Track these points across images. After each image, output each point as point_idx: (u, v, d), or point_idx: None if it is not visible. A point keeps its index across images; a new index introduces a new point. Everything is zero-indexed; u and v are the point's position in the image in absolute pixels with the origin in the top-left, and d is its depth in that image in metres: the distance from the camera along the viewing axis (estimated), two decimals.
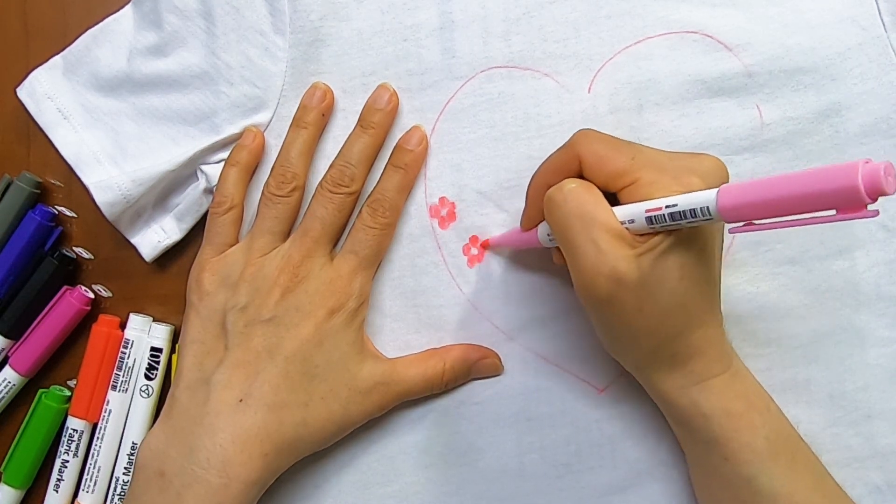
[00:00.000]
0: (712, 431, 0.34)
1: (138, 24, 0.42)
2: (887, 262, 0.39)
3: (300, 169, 0.40)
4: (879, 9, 0.39)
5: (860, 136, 0.39)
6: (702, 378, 0.34)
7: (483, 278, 0.41)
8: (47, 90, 0.43)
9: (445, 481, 0.41)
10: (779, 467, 0.33)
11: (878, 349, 0.39)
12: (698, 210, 0.28)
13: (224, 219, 0.40)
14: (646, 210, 0.30)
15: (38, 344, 0.43)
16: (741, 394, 0.34)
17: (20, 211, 0.43)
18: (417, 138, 0.40)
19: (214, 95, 0.42)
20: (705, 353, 0.34)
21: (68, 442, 0.43)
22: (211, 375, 0.37)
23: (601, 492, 0.40)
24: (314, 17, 0.41)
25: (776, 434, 0.34)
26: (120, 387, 0.43)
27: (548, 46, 0.40)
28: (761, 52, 0.39)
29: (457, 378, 0.40)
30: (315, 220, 0.39)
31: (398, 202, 0.40)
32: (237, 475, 0.35)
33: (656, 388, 0.35)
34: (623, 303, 0.32)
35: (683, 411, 0.35)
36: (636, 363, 0.35)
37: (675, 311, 0.32)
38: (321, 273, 0.38)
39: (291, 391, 0.37)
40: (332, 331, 0.38)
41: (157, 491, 0.35)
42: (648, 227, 0.31)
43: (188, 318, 0.39)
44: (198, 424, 0.36)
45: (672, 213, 0.29)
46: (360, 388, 0.38)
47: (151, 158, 0.42)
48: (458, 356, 0.40)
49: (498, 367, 0.41)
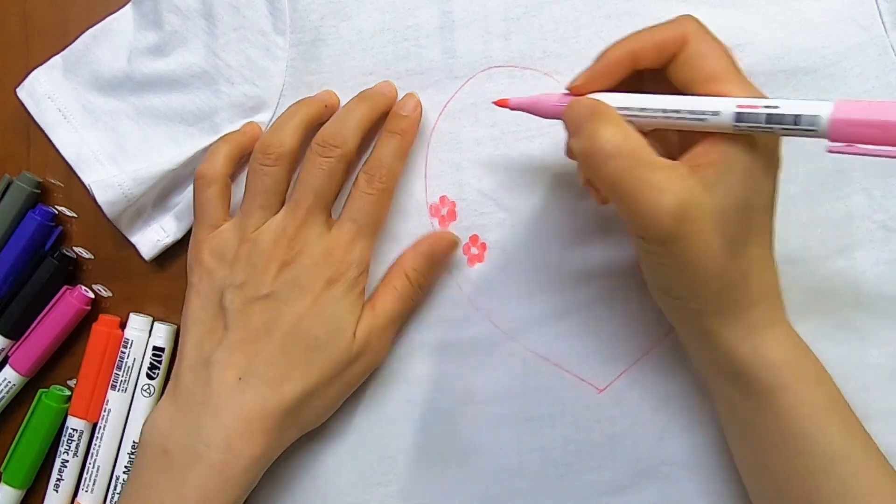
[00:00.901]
0: (773, 382, 0.32)
1: (138, 23, 0.42)
2: (887, 262, 0.39)
3: (287, 139, 0.38)
4: (879, 9, 0.39)
5: None
6: (764, 326, 0.33)
7: (483, 278, 0.41)
8: (47, 90, 0.43)
9: (445, 481, 0.41)
10: (836, 426, 0.32)
11: (877, 349, 0.39)
12: (804, 117, 0.27)
13: (209, 193, 0.39)
14: (737, 105, 0.28)
15: (38, 344, 0.43)
16: (801, 346, 0.34)
17: (20, 211, 0.43)
18: (412, 104, 0.40)
19: (214, 95, 0.42)
20: (767, 299, 0.33)
21: (68, 442, 0.43)
22: (211, 355, 0.37)
23: (601, 492, 0.40)
24: (314, 16, 0.41)
25: (833, 392, 0.33)
26: (119, 386, 0.43)
27: (548, 46, 0.40)
28: (761, 52, 0.39)
29: (425, 275, 0.40)
30: (307, 188, 0.38)
31: (395, 168, 0.39)
32: (240, 452, 0.35)
33: (715, 337, 0.33)
34: (691, 240, 0.29)
35: (742, 361, 0.33)
36: (697, 310, 0.33)
37: (739, 248, 0.31)
38: (318, 243, 0.38)
39: (291, 365, 0.37)
40: (331, 301, 0.37)
41: (160, 469, 0.36)
42: (732, 124, 0.29)
43: (188, 298, 0.39)
44: (201, 404, 0.36)
45: (770, 114, 0.28)
46: (357, 348, 0.38)
47: (152, 158, 0.42)
48: (413, 257, 0.40)
49: (453, 241, 0.40)
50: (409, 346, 0.41)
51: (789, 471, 0.34)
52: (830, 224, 0.39)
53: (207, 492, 0.35)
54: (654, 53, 0.32)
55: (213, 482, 0.35)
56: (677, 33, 0.31)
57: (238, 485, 0.36)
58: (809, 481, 0.33)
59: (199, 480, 0.35)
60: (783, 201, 0.39)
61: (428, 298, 0.41)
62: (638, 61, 0.32)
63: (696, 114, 0.30)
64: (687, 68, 0.31)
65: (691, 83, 0.31)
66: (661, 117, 0.31)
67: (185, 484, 0.35)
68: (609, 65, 0.32)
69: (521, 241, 0.40)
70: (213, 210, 0.39)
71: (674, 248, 0.30)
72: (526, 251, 0.40)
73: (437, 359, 0.41)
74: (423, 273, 0.40)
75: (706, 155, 0.30)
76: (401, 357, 0.41)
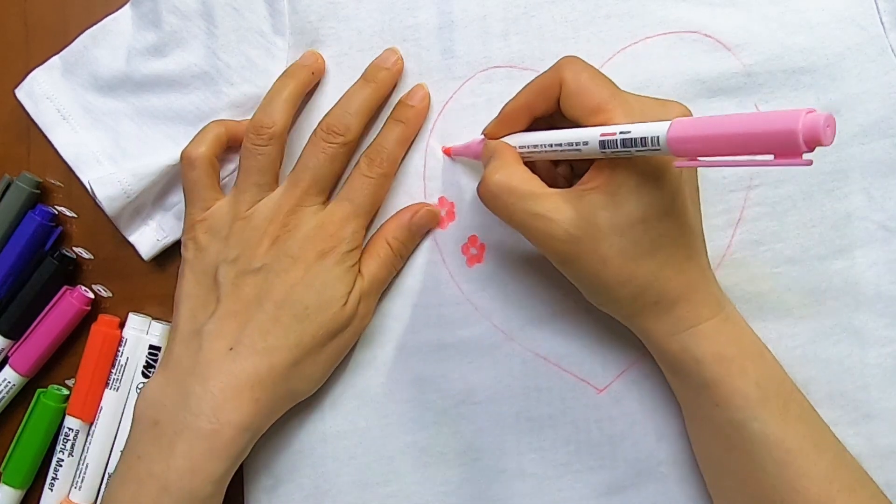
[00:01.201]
0: (703, 376, 0.34)
1: (137, 24, 0.42)
2: (887, 262, 0.39)
3: (279, 118, 0.39)
4: (879, 9, 0.39)
5: (859, 136, 0.39)
6: (691, 323, 0.34)
7: (482, 278, 0.41)
8: (46, 91, 0.43)
9: (445, 481, 0.41)
10: (770, 413, 0.33)
11: (877, 349, 0.39)
12: (649, 139, 0.29)
13: (197, 173, 0.39)
14: (601, 134, 0.31)
15: (38, 344, 0.43)
16: (733, 339, 0.35)
17: (20, 211, 0.43)
18: (420, 95, 0.40)
19: (214, 95, 0.42)
20: (690, 298, 0.34)
21: (64, 441, 0.43)
22: (203, 326, 0.37)
23: (601, 492, 0.40)
24: (314, 17, 0.41)
25: (768, 380, 0.34)
26: (112, 384, 0.43)
27: (547, 46, 0.40)
28: (760, 52, 0.39)
29: (406, 244, 0.40)
30: (306, 170, 0.38)
31: (396, 154, 0.40)
32: (228, 420, 0.35)
33: (647, 335, 0.36)
34: (588, 257, 0.33)
35: (675, 357, 0.35)
36: (622, 313, 0.36)
37: (640, 257, 0.33)
38: (312, 219, 0.38)
39: (282, 335, 0.37)
40: (323, 270, 0.38)
41: (151, 440, 0.36)
42: (600, 150, 0.31)
43: (183, 274, 0.39)
44: (190, 374, 0.36)
45: (624, 139, 0.30)
46: (347, 314, 0.38)
47: (151, 158, 0.42)
48: (394, 226, 0.40)
49: (434, 214, 0.41)
50: (409, 346, 0.41)
51: (731, 461, 0.35)
52: (830, 224, 0.39)
53: (195, 461, 0.35)
54: (542, 100, 0.35)
55: (201, 451, 0.35)
56: (554, 76, 0.34)
57: (226, 454, 0.36)
58: (749, 470, 0.34)
59: (186, 449, 0.35)
60: (783, 201, 0.39)
61: (428, 298, 0.41)
62: (533, 110, 0.35)
63: (573, 145, 0.33)
64: (569, 106, 0.33)
65: (579, 119, 0.33)
66: (549, 151, 0.34)
67: (173, 453, 0.35)
68: (509, 116, 0.36)
69: (520, 242, 0.40)
70: (203, 190, 0.40)
71: (574, 265, 0.34)
72: (525, 251, 0.40)
73: (437, 359, 0.41)
74: (404, 242, 0.40)
75: (595, 179, 0.33)
76: (401, 357, 0.41)
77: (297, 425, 0.41)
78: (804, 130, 0.24)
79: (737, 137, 0.26)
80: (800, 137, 0.24)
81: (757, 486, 0.34)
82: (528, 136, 0.36)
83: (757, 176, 0.39)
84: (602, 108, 0.32)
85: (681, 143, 0.28)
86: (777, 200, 0.39)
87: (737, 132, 0.26)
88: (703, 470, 0.38)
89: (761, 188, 0.39)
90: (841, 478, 0.34)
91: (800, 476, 0.33)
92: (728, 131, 0.27)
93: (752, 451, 0.34)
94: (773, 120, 0.25)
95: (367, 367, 0.41)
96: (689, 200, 0.34)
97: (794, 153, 0.25)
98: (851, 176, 0.39)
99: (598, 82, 0.33)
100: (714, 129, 0.27)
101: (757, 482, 0.34)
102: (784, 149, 0.25)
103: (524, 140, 0.36)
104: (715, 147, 0.27)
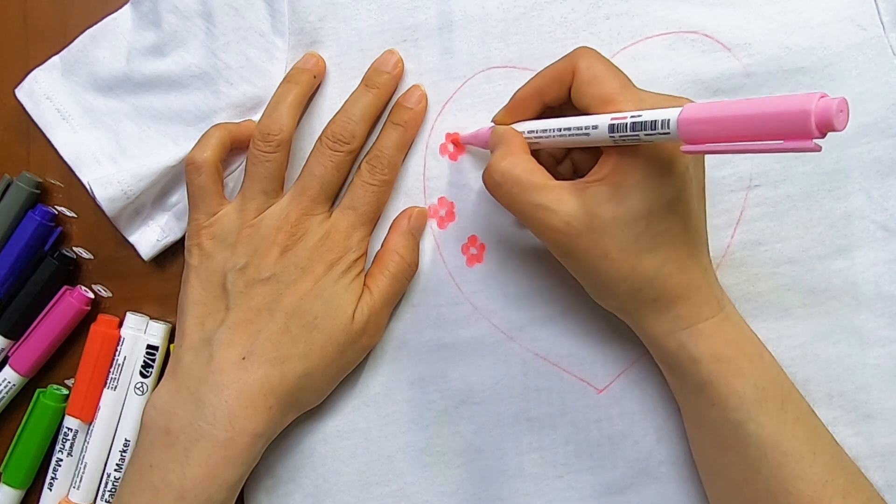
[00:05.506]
0: (700, 376, 0.34)
1: (137, 24, 0.42)
2: (887, 262, 0.39)
3: (286, 124, 0.39)
4: (878, 9, 0.39)
5: (859, 136, 0.39)
6: (690, 322, 0.34)
7: (482, 278, 0.41)
8: (46, 90, 0.43)
9: (445, 481, 0.41)
10: (767, 415, 0.33)
11: (877, 349, 0.39)
12: (659, 122, 0.29)
13: (202, 179, 0.39)
14: (611, 118, 0.31)
15: (37, 344, 0.43)
16: (732, 339, 0.34)
17: (20, 211, 0.43)
18: (417, 97, 0.40)
19: (214, 95, 0.42)
20: (690, 297, 0.34)
21: (63, 441, 0.43)
22: (213, 335, 0.37)
23: (601, 492, 0.40)
24: (313, 17, 0.41)
25: (766, 381, 0.34)
26: (109, 384, 0.43)
27: (546, 46, 0.40)
28: (760, 52, 0.39)
29: (413, 251, 0.40)
30: (313, 178, 0.39)
31: (396, 159, 0.40)
32: (243, 429, 0.36)
33: (645, 332, 0.36)
34: (589, 250, 0.33)
35: (673, 356, 0.35)
36: (621, 308, 0.36)
37: (642, 253, 0.33)
38: (319, 229, 0.38)
39: (292, 345, 0.37)
40: (331, 281, 0.38)
41: (163, 447, 0.36)
42: (608, 136, 0.31)
43: (188, 280, 0.39)
44: (203, 382, 0.36)
45: (634, 122, 0.30)
46: (356, 329, 0.38)
47: (151, 158, 0.42)
48: (398, 237, 0.40)
49: (423, 212, 0.41)
50: (409, 347, 0.41)
51: (726, 462, 0.35)
52: (830, 224, 0.39)
53: (212, 468, 0.35)
54: (554, 87, 0.35)
55: (218, 459, 0.35)
56: (568, 65, 0.34)
57: (242, 461, 0.36)
58: (743, 472, 0.34)
59: (203, 457, 0.35)
60: (783, 201, 0.39)
61: (428, 298, 0.41)
62: (544, 96, 0.36)
63: (582, 129, 0.33)
64: (581, 95, 0.33)
65: (589, 108, 0.33)
66: (557, 136, 0.34)
67: (189, 462, 0.35)
68: (520, 102, 0.37)
69: (519, 242, 0.40)
70: (208, 196, 0.39)
71: (575, 258, 0.34)
72: (525, 251, 0.41)
73: (437, 359, 0.41)
74: (412, 249, 0.40)
75: (600, 171, 0.33)
76: (401, 357, 0.41)
77: (298, 425, 0.41)
78: (817, 113, 0.24)
79: (749, 119, 0.26)
80: (812, 120, 0.24)
81: (751, 487, 0.34)
82: (536, 123, 0.36)
83: (757, 176, 0.39)
84: (613, 98, 0.32)
85: (691, 124, 0.28)
86: (777, 200, 0.39)
87: (749, 114, 0.26)
88: (699, 470, 0.38)
89: (761, 188, 0.39)
90: (836, 481, 0.33)
91: (794, 478, 0.33)
92: (740, 113, 0.26)
93: (747, 453, 0.34)
94: (786, 102, 0.25)
95: (367, 367, 0.41)
96: (695, 198, 0.34)
97: (805, 136, 0.25)
98: (851, 176, 0.39)
99: (612, 73, 0.33)
100: (726, 111, 0.27)
101: (751, 484, 0.34)
102: (796, 132, 0.25)
103: (533, 125, 0.36)
104: (726, 130, 0.27)
